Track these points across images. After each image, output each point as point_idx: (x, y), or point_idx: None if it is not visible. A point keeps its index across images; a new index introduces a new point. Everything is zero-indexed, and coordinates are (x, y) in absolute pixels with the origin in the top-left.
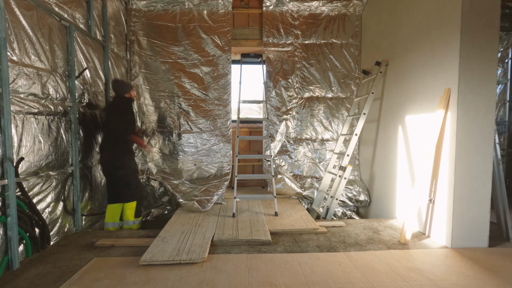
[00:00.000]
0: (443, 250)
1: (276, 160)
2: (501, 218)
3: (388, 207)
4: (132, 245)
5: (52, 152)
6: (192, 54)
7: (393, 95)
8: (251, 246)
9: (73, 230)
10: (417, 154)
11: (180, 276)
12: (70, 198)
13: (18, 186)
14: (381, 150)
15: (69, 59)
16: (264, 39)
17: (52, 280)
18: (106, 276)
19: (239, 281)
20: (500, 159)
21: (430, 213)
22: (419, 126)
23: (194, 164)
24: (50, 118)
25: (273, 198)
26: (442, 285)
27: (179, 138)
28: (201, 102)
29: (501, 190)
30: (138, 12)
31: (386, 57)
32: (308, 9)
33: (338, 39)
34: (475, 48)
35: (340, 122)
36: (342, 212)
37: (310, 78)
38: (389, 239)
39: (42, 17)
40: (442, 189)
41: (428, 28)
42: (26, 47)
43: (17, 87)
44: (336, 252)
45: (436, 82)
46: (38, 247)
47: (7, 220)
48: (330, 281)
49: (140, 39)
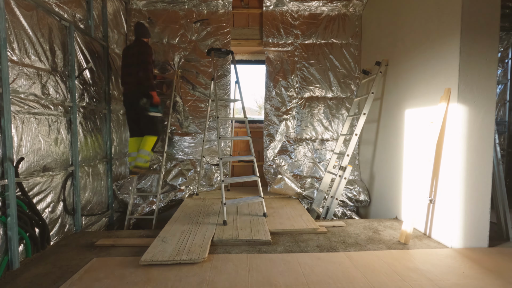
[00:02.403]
0: (443, 250)
1: (276, 160)
2: (501, 218)
3: (388, 207)
4: (132, 245)
5: (52, 152)
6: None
7: (393, 95)
8: (251, 246)
9: (73, 230)
10: (417, 154)
11: (180, 276)
12: (70, 198)
13: (18, 186)
14: (381, 150)
15: (69, 59)
16: (264, 39)
17: (52, 280)
18: (106, 276)
19: (239, 281)
20: (500, 159)
21: (430, 213)
22: (419, 126)
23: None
24: (50, 118)
25: (261, 199)
26: (442, 285)
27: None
28: (200, 102)
29: (501, 190)
30: (138, 12)
31: (386, 57)
32: (308, 9)
33: (338, 39)
34: (475, 48)
35: (340, 122)
36: (342, 212)
37: (310, 78)
38: (389, 239)
39: (42, 17)
40: (442, 189)
41: (428, 28)
42: (26, 47)
43: (17, 87)
44: (336, 252)
45: (436, 82)
46: (38, 247)
47: (7, 220)
48: (330, 281)
49: None
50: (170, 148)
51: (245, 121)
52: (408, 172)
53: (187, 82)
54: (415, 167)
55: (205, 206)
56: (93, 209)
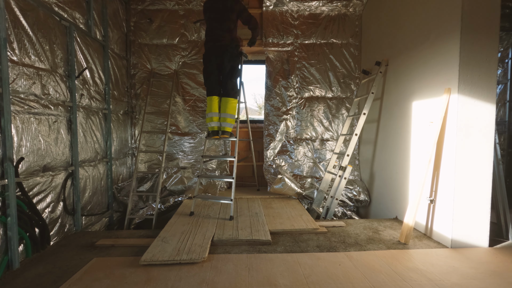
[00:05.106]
0: (443, 250)
1: (276, 160)
2: (501, 218)
3: (388, 207)
4: (132, 245)
5: (52, 152)
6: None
7: (393, 95)
8: (251, 246)
9: (73, 230)
10: (418, 154)
11: (180, 276)
12: (70, 198)
13: (18, 186)
14: (381, 150)
15: (69, 59)
16: (264, 39)
17: (52, 280)
18: (106, 276)
19: (239, 281)
20: (500, 159)
21: (430, 213)
22: (419, 125)
23: None
24: (50, 118)
25: (230, 202)
26: (443, 285)
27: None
28: (200, 102)
29: (501, 190)
30: (139, 12)
31: (386, 57)
32: (308, 9)
33: (338, 39)
34: (475, 48)
35: (340, 122)
36: (342, 212)
37: (310, 78)
38: (389, 239)
39: (42, 17)
40: (443, 189)
41: (428, 28)
42: (26, 47)
43: (17, 87)
44: (336, 252)
45: (436, 82)
46: (38, 247)
47: (7, 220)
48: (330, 281)
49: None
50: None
51: (247, 122)
52: (409, 172)
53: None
54: (416, 167)
55: (205, 207)
56: (93, 209)
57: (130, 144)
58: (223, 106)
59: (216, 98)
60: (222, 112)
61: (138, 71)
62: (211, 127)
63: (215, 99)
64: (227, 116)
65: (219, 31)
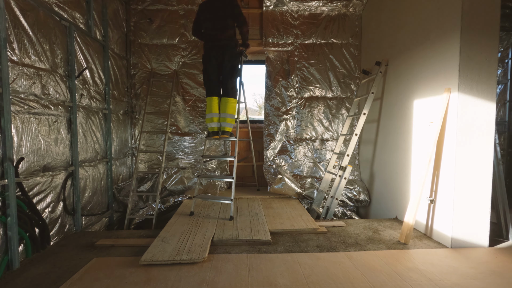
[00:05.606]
0: (444, 250)
1: (276, 160)
2: (501, 218)
3: (388, 207)
4: (132, 245)
5: (52, 152)
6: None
7: (393, 95)
8: (251, 246)
9: (73, 230)
10: (418, 154)
11: (180, 276)
12: (70, 198)
13: (18, 186)
14: (381, 150)
15: (69, 59)
16: (264, 39)
17: (52, 280)
18: (106, 276)
19: (239, 281)
20: (500, 159)
21: (430, 213)
22: (419, 125)
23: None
24: (50, 118)
25: (230, 202)
26: (443, 285)
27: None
28: (200, 102)
29: (501, 190)
30: (139, 12)
31: (386, 57)
32: (308, 9)
33: (338, 39)
34: (475, 48)
35: (340, 122)
36: (342, 212)
37: (310, 78)
38: (389, 239)
39: (42, 17)
40: (443, 189)
41: (428, 28)
42: (26, 47)
43: (17, 87)
44: (336, 252)
45: (436, 82)
46: (38, 247)
47: (7, 220)
48: (330, 281)
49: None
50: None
51: (247, 122)
52: (409, 172)
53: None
54: (416, 167)
55: (205, 207)
56: (93, 209)
57: (130, 144)
58: (223, 106)
59: (215, 99)
60: (222, 112)
61: (138, 71)
62: (211, 127)
63: (214, 100)
64: (227, 116)
65: (219, 30)
